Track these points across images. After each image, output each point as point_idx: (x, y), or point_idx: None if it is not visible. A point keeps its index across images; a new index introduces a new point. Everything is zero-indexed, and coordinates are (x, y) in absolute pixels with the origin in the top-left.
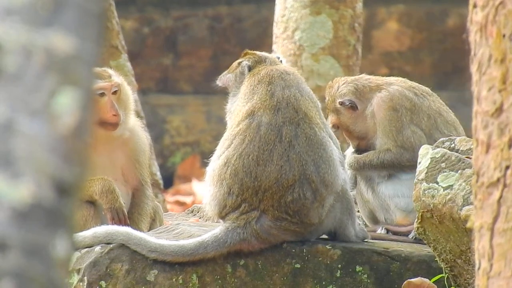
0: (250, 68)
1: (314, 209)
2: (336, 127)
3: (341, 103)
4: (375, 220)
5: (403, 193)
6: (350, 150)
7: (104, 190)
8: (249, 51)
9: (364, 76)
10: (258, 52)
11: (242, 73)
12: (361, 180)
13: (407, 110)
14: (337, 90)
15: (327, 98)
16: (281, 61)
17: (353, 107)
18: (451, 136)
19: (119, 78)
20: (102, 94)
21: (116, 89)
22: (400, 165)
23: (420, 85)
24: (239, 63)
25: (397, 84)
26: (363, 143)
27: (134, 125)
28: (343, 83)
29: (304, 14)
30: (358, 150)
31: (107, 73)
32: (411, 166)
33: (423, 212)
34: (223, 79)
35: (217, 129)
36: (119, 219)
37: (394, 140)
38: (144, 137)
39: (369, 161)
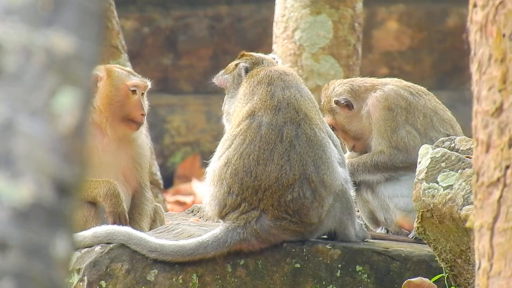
0: (247, 70)
1: (313, 209)
2: (331, 128)
3: (337, 102)
4: (375, 221)
5: (403, 193)
6: (347, 154)
7: (109, 193)
8: (246, 53)
9: (360, 78)
10: (254, 54)
11: (239, 75)
12: (361, 181)
13: (403, 109)
14: (333, 90)
15: (322, 100)
16: (277, 62)
17: (348, 106)
18: (448, 134)
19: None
20: (134, 92)
21: (145, 90)
22: (393, 167)
23: (416, 85)
24: (236, 65)
25: (392, 84)
26: (358, 144)
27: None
28: (339, 84)
29: (304, 13)
30: (354, 153)
31: (137, 74)
32: (404, 167)
33: (423, 211)
34: (220, 79)
35: (217, 129)
36: (120, 224)
37: (388, 141)
38: (146, 141)
39: (363, 163)
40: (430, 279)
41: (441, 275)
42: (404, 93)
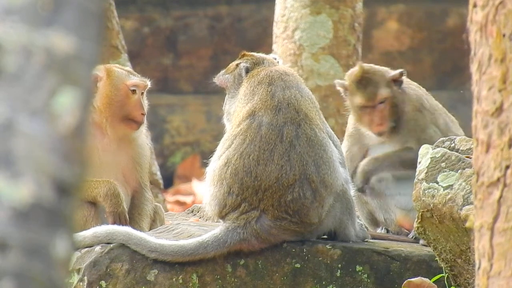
0: (248, 70)
1: (314, 209)
2: (382, 101)
3: (401, 74)
4: (374, 222)
5: (403, 192)
6: (344, 145)
7: (109, 193)
8: (247, 53)
9: None
10: (255, 54)
11: (240, 75)
12: None
13: (427, 110)
14: (380, 67)
15: (374, 74)
16: (278, 61)
17: (401, 82)
18: (457, 134)
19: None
20: (134, 92)
21: (144, 90)
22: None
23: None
24: (237, 65)
25: (410, 83)
26: (393, 128)
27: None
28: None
29: (304, 13)
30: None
31: (136, 73)
32: None
33: (423, 211)
34: (221, 78)
35: (217, 129)
36: (120, 224)
37: (417, 139)
38: (146, 141)
39: (389, 158)
40: (430, 279)
41: (441, 275)
42: (424, 93)
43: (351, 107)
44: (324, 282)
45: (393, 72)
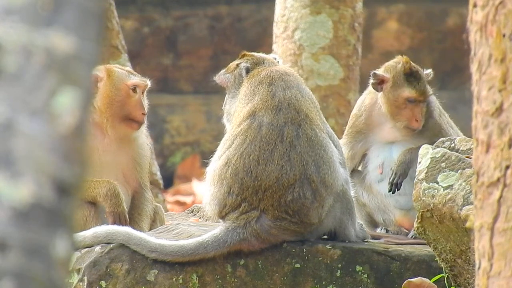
0: (248, 70)
1: (314, 209)
2: (423, 99)
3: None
4: (373, 223)
5: (403, 191)
6: (345, 143)
7: (109, 193)
8: (247, 53)
9: None
10: (255, 54)
11: (240, 75)
12: (357, 183)
13: (443, 113)
14: None
15: (417, 68)
16: (278, 62)
17: None
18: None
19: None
20: (134, 91)
21: (145, 90)
22: None
23: None
24: (237, 65)
25: None
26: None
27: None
28: None
29: (304, 13)
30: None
31: (136, 73)
32: None
33: (423, 211)
34: (222, 78)
35: (217, 129)
36: (120, 224)
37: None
38: (146, 141)
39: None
40: (430, 279)
41: (441, 275)
42: None
43: (390, 100)
44: (324, 282)
45: (426, 71)
